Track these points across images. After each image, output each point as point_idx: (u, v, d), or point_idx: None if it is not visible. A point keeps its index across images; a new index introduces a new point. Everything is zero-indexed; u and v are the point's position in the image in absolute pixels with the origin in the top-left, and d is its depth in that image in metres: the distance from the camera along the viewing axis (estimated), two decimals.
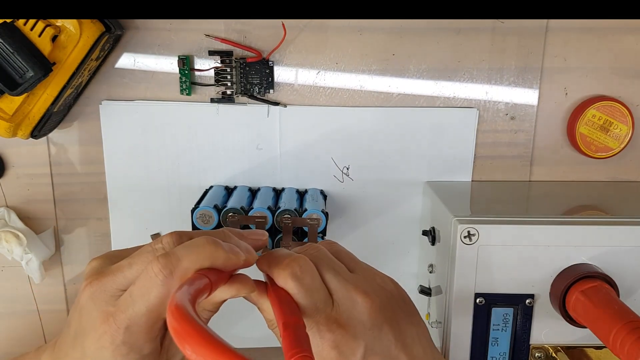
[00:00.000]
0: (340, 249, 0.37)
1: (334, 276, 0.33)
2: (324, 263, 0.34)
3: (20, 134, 0.47)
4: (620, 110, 0.52)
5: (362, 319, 0.32)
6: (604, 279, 0.41)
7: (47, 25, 0.43)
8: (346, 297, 0.32)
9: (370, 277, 0.34)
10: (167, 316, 0.24)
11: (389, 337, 0.32)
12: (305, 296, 0.31)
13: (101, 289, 0.31)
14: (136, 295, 0.29)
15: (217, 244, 0.30)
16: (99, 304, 0.31)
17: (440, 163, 0.54)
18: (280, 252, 0.34)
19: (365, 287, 0.33)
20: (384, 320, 0.32)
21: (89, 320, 0.31)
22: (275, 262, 0.33)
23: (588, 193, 0.54)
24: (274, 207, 0.49)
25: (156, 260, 0.29)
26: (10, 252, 0.52)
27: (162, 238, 0.32)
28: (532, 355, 0.44)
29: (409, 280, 0.57)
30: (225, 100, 0.52)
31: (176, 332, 0.23)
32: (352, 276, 0.34)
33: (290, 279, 0.31)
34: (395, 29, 0.51)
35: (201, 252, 0.29)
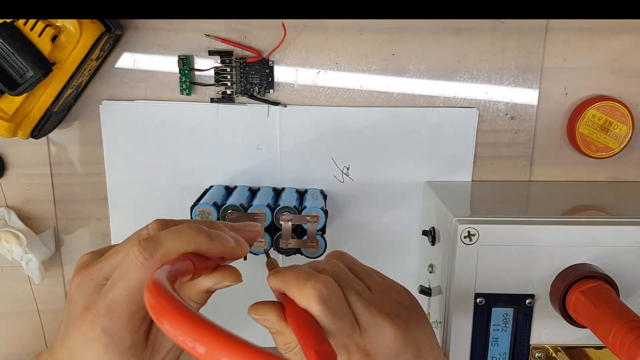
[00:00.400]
0: (353, 261, 0.36)
1: (358, 299, 0.32)
2: (345, 282, 0.32)
3: (20, 134, 0.47)
4: (620, 110, 0.52)
5: (389, 346, 0.31)
6: (604, 279, 0.41)
7: (47, 25, 0.43)
8: (372, 323, 0.31)
9: (388, 295, 0.34)
10: (144, 293, 0.23)
11: (408, 356, 0.32)
12: (334, 320, 0.30)
13: (88, 278, 0.30)
14: (116, 279, 0.29)
15: (201, 229, 0.29)
16: (85, 293, 0.30)
17: (440, 163, 0.54)
18: (299, 269, 0.33)
19: (387, 310, 0.32)
20: (407, 344, 0.32)
21: (75, 310, 0.30)
22: (294, 282, 0.31)
23: (588, 193, 0.54)
24: (273, 205, 0.49)
25: (137, 244, 0.28)
26: (10, 252, 0.52)
27: (148, 225, 0.31)
28: (532, 355, 0.44)
29: (409, 280, 0.57)
30: (225, 100, 0.52)
31: (152, 307, 0.22)
32: (373, 297, 0.33)
33: (316, 301, 0.30)
34: (395, 29, 0.51)
35: (184, 236, 0.29)
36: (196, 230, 0.29)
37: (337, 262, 0.34)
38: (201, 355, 0.20)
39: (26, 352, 0.59)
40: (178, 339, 0.20)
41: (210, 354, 0.19)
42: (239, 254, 0.32)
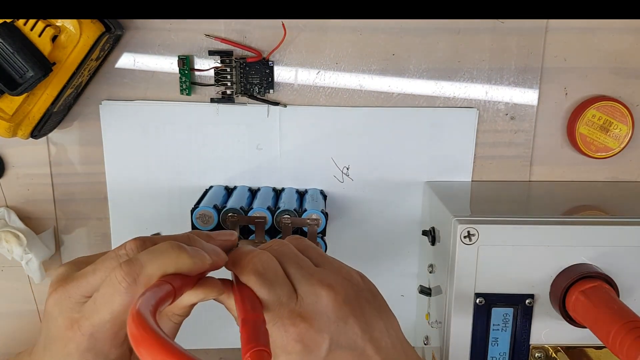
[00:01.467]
0: (307, 244, 0.37)
1: (297, 270, 0.33)
2: (287, 258, 0.34)
3: (20, 134, 0.47)
4: (620, 110, 0.52)
5: (326, 312, 0.32)
6: (604, 279, 0.41)
7: (47, 25, 0.43)
8: (310, 291, 0.32)
9: (335, 271, 0.34)
10: (128, 323, 0.24)
11: (354, 329, 0.32)
12: (268, 291, 0.31)
13: (65, 295, 0.31)
14: (100, 303, 0.29)
15: (181, 249, 0.30)
16: (64, 311, 0.31)
17: (440, 163, 0.54)
18: (244, 249, 0.34)
19: (329, 280, 0.33)
20: (350, 313, 0.32)
21: (55, 327, 0.31)
22: (238, 259, 0.33)
23: (588, 193, 0.54)
24: (273, 207, 0.49)
25: (119, 268, 0.29)
26: (10, 252, 0.52)
27: (126, 244, 0.31)
28: (532, 355, 0.44)
29: (409, 280, 0.57)
30: (225, 100, 0.52)
31: (134, 338, 0.23)
32: (317, 270, 0.34)
33: (252, 274, 0.31)
34: (395, 29, 0.51)
35: (165, 257, 0.29)
36: (177, 251, 0.30)
37: (283, 241, 0.36)
38: None
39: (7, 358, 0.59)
40: None
41: None
42: (218, 265, 0.32)
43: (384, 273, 0.57)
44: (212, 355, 0.59)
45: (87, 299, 0.30)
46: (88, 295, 0.30)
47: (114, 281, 0.28)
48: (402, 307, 0.57)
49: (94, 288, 0.30)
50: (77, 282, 0.31)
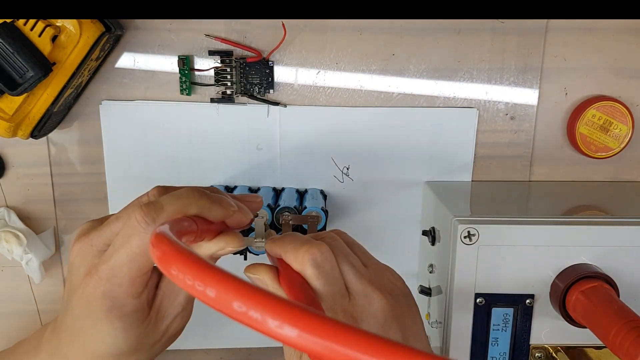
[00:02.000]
0: (352, 240, 0.36)
1: (351, 269, 0.33)
2: (341, 254, 0.33)
3: (20, 134, 0.47)
4: (620, 110, 0.52)
5: (376, 316, 0.31)
6: (604, 279, 0.41)
7: (47, 25, 0.43)
8: (363, 292, 0.32)
9: (382, 274, 0.34)
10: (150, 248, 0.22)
11: (397, 335, 0.32)
12: (325, 284, 0.31)
13: (88, 244, 0.31)
14: (118, 244, 0.29)
15: (202, 193, 0.29)
16: (86, 259, 0.31)
17: (440, 163, 0.54)
18: (297, 236, 0.33)
19: (379, 285, 0.33)
20: (394, 319, 0.32)
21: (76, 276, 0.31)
22: (291, 246, 0.32)
23: (588, 193, 0.54)
24: (273, 205, 0.49)
25: (139, 209, 0.28)
26: (10, 252, 0.52)
27: (149, 191, 0.32)
28: (532, 355, 0.44)
29: (409, 280, 0.56)
30: (225, 100, 0.52)
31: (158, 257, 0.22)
32: (367, 271, 0.33)
33: (309, 265, 0.31)
34: (395, 29, 0.51)
35: (185, 199, 0.29)
36: (198, 194, 0.29)
37: (335, 236, 0.35)
38: (211, 299, 0.19)
39: None
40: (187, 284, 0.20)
41: (221, 297, 0.19)
42: (242, 220, 0.32)
43: None
44: (212, 355, 0.59)
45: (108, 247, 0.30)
46: (109, 243, 0.30)
47: (133, 222, 0.28)
48: None
49: (115, 234, 0.30)
50: (99, 231, 0.31)
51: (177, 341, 0.35)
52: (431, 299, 0.50)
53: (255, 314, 0.18)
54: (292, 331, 0.18)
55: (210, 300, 0.19)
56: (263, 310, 0.18)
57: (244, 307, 0.18)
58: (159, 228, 0.24)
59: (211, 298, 0.19)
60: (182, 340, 0.50)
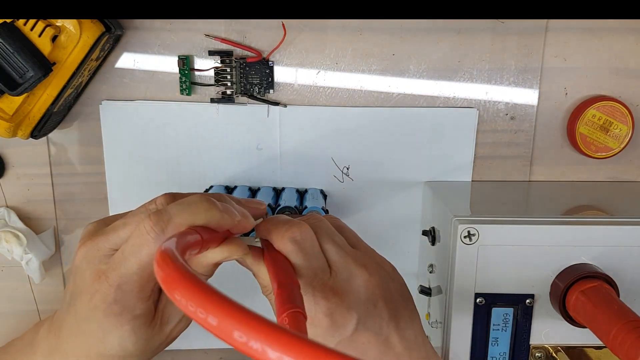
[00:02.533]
0: (343, 224, 0.37)
1: (334, 246, 0.33)
2: (324, 233, 0.34)
3: (20, 134, 0.47)
4: (620, 110, 0.52)
5: (358, 291, 0.32)
6: (604, 279, 0.41)
7: (47, 25, 0.43)
8: (344, 268, 0.32)
9: (370, 255, 0.34)
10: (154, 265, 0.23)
11: (382, 314, 0.32)
12: (304, 260, 0.31)
13: (95, 248, 0.31)
14: (128, 253, 0.29)
15: (211, 202, 0.30)
16: (92, 263, 0.31)
17: (440, 163, 0.54)
18: (281, 217, 0.34)
19: (364, 262, 0.33)
20: (380, 297, 0.32)
21: (83, 280, 0.31)
22: (274, 226, 0.33)
23: (588, 193, 0.54)
24: (274, 205, 0.49)
25: (148, 218, 0.28)
26: (10, 252, 0.52)
27: (157, 198, 0.32)
28: (532, 355, 0.44)
29: (409, 280, 0.56)
30: (225, 100, 0.52)
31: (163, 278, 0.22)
32: (353, 250, 0.34)
33: (289, 242, 0.31)
34: (395, 29, 0.51)
35: (194, 209, 0.29)
36: (207, 203, 0.29)
37: (321, 217, 0.36)
38: (213, 327, 0.19)
39: None
40: (189, 310, 0.20)
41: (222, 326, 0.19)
42: (245, 227, 0.32)
43: None
44: (212, 355, 0.59)
45: (115, 251, 0.30)
46: (116, 247, 0.30)
47: (142, 231, 0.28)
48: None
49: (122, 240, 0.30)
50: (106, 236, 0.31)
51: (177, 341, 0.36)
52: (431, 299, 0.50)
53: (256, 344, 0.18)
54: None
55: (211, 328, 0.19)
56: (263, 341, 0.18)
57: (245, 337, 0.19)
58: (164, 245, 0.24)
59: (212, 326, 0.19)
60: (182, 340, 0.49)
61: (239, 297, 0.60)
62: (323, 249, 0.33)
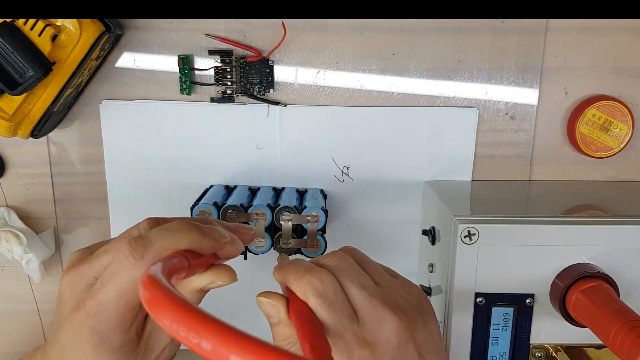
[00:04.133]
0: (363, 257, 0.35)
1: (358, 290, 0.32)
2: (347, 275, 0.32)
3: (20, 133, 0.47)
4: (620, 110, 0.52)
5: (389, 337, 0.31)
6: (604, 279, 0.41)
7: (47, 24, 0.43)
8: (373, 314, 0.31)
9: (394, 291, 0.33)
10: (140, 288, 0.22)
11: (413, 355, 0.31)
12: (330, 312, 0.30)
13: (78, 277, 0.30)
14: (106, 280, 0.29)
15: (192, 225, 0.29)
16: (75, 292, 0.30)
17: (441, 162, 0.54)
18: (299, 263, 0.33)
19: (391, 304, 0.32)
20: (409, 339, 0.31)
21: (65, 308, 0.30)
22: (294, 276, 0.31)
23: (588, 193, 0.54)
24: (273, 205, 0.49)
25: (127, 244, 0.28)
26: (10, 251, 0.52)
27: (139, 223, 0.31)
28: (532, 354, 0.44)
29: (409, 279, 0.57)
30: (225, 99, 0.52)
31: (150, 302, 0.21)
32: (378, 290, 0.32)
33: (311, 295, 0.30)
34: (395, 29, 0.51)
35: (175, 234, 0.28)
36: (188, 227, 0.29)
37: (342, 255, 0.34)
38: (207, 352, 0.18)
39: (26, 351, 0.58)
40: (180, 335, 0.19)
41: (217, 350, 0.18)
42: (233, 252, 0.31)
43: None
44: None
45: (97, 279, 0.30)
46: (99, 275, 0.30)
47: (121, 257, 0.28)
48: None
49: (104, 267, 0.29)
50: (89, 263, 0.30)
51: None
52: (431, 298, 0.50)
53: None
54: None
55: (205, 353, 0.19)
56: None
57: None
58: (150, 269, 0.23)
59: (206, 351, 0.19)
60: None
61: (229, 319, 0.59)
62: (347, 294, 0.31)
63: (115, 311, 0.29)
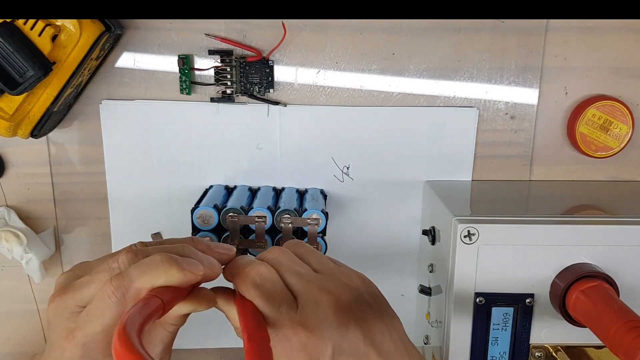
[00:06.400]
0: (306, 249, 0.36)
1: (297, 279, 0.33)
2: (285, 266, 0.34)
3: (20, 133, 0.47)
4: (620, 110, 0.52)
5: (327, 319, 0.31)
6: (604, 279, 0.41)
7: (47, 24, 0.43)
8: (309, 299, 0.32)
9: (334, 276, 0.34)
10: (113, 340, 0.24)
11: (356, 334, 0.32)
12: (267, 303, 0.31)
13: (62, 305, 0.32)
14: (92, 315, 0.30)
15: (171, 262, 0.30)
16: (61, 320, 0.32)
17: (441, 162, 0.54)
18: (241, 260, 0.35)
19: (329, 287, 0.33)
20: (351, 318, 0.32)
21: (54, 335, 0.32)
22: (236, 271, 0.33)
23: (588, 192, 0.54)
24: (273, 207, 0.49)
25: (109, 282, 0.30)
26: (10, 251, 0.52)
27: (119, 256, 0.32)
28: (532, 354, 0.44)
29: (409, 279, 0.57)
30: (225, 99, 0.52)
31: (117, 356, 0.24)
32: (316, 276, 0.34)
33: (250, 287, 0.32)
34: (395, 29, 0.51)
35: (154, 271, 0.30)
36: (167, 264, 0.30)
37: (282, 249, 0.36)
38: None
39: (26, 351, 0.59)
40: None
41: None
42: (211, 276, 0.33)
43: (384, 272, 0.57)
44: (212, 355, 0.59)
45: (82, 308, 0.31)
46: (83, 305, 0.31)
47: (105, 295, 0.30)
48: (402, 307, 0.56)
49: (88, 299, 0.31)
50: (72, 293, 0.32)
51: (176, 340, 0.36)
52: (431, 298, 0.50)
53: None
54: None
55: None
56: None
57: None
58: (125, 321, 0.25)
59: None
60: (182, 340, 0.49)
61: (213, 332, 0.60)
62: (287, 283, 0.33)
63: (102, 341, 0.31)
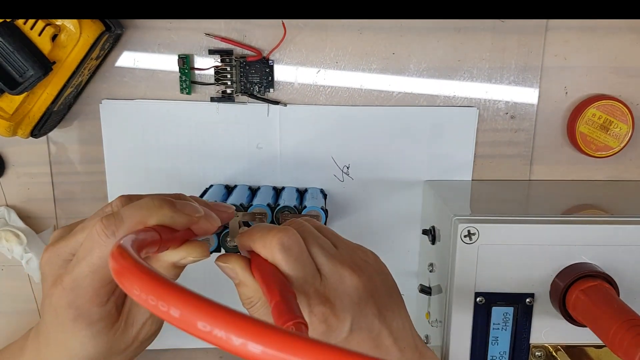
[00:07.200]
0: (321, 225, 0.37)
1: (320, 250, 0.33)
2: (310, 237, 0.33)
3: (20, 133, 0.47)
4: (620, 109, 0.52)
5: (349, 293, 0.32)
6: (604, 278, 0.41)
7: (47, 24, 0.43)
8: (334, 272, 0.32)
9: (353, 252, 0.35)
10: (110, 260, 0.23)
11: (373, 311, 0.32)
12: (295, 267, 0.31)
13: (55, 254, 0.31)
14: (80, 256, 0.29)
15: (164, 201, 0.30)
16: (53, 269, 0.31)
17: (441, 162, 0.54)
18: (264, 225, 0.34)
19: (350, 263, 0.33)
20: (369, 295, 0.32)
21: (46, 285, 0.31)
22: (259, 234, 0.32)
23: (588, 192, 0.54)
24: (273, 204, 0.49)
25: (100, 221, 0.29)
26: (10, 251, 0.52)
27: (113, 201, 0.32)
28: (532, 354, 0.44)
29: (409, 279, 0.57)
30: (225, 99, 0.52)
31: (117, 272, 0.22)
32: (337, 252, 0.34)
33: (278, 250, 0.31)
34: (395, 28, 0.51)
35: (145, 210, 0.29)
36: (160, 202, 0.29)
37: (302, 221, 0.35)
38: (175, 319, 0.19)
39: None
40: (149, 304, 0.20)
41: (185, 317, 0.19)
42: (209, 227, 0.32)
43: None
44: (212, 355, 0.59)
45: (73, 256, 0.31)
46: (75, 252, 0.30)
47: (94, 234, 0.29)
48: None
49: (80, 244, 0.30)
50: (65, 241, 0.31)
51: (176, 340, 0.36)
52: (431, 298, 0.50)
53: (220, 332, 0.18)
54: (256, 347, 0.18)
55: (174, 320, 0.19)
56: (227, 328, 0.18)
57: (208, 326, 0.19)
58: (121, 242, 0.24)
59: (175, 318, 0.19)
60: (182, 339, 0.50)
61: None
62: (310, 253, 0.32)
63: (90, 286, 0.30)
